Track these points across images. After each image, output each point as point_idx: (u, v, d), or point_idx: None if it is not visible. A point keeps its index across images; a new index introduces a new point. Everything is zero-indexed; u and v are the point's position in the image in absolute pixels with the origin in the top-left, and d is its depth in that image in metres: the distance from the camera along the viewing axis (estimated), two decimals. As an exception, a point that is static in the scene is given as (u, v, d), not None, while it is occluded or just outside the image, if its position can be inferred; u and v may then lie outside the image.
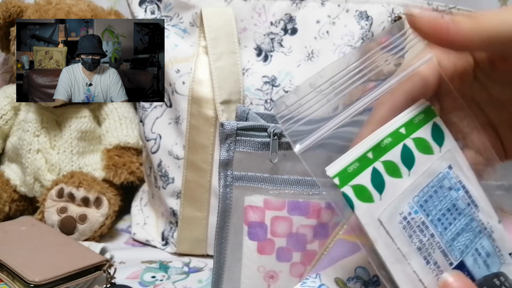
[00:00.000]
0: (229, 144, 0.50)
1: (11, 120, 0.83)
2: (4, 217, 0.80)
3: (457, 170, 0.32)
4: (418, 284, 0.30)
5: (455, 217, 0.31)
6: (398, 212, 0.30)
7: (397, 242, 0.30)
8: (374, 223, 0.30)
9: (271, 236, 0.48)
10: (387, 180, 0.30)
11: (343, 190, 0.30)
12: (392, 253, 0.30)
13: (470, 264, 0.31)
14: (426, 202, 0.31)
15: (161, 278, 0.65)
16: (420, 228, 0.30)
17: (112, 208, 0.77)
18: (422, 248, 0.30)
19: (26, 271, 0.54)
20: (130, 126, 0.84)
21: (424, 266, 0.30)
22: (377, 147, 0.31)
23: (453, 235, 0.31)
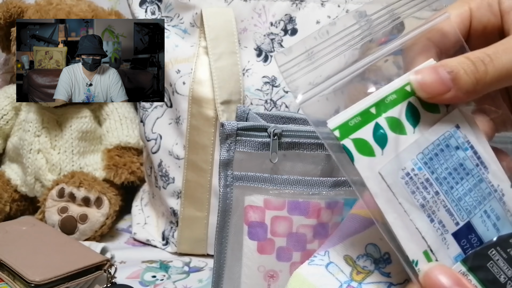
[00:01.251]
0: (229, 144, 0.50)
1: (12, 120, 0.84)
2: (5, 217, 0.80)
3: (465, 129, 0.31)
4: (420, 241, 0.29)
5: (462, 177, 0.31)
6: (401, 167, 0.30)
7: (398, 197, 0.29)
8: (374, 177, 0.29)
9: (271, 235, 0.48)
10: (390, 135, 0.30)
11: (343, 143, 0.30)
12: (393, 208, 0.29)
13: (478, 226, 0.30)
14: (431, 160, 0.30)
15: (161, 277, 0.65)
16: (424, 185, 0.30)
17: (113, 208, 0.77)
18: (425, 205, 0.30)
19: (27, 270, 0.54)
20: (131, 126, 0.84)
21: (427, 224, 0.29)
22: (380, 103, 0.30)
23: (459, 195, 0.30)
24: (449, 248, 0.30)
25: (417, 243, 0.29)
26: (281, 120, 0.54)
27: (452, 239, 0.30)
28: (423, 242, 0.29)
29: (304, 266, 0.33)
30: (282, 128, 0.49)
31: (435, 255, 0.29)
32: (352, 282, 0.32)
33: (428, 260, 0.29)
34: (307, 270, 0.33)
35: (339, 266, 0.33)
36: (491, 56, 0.29)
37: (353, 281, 0.32)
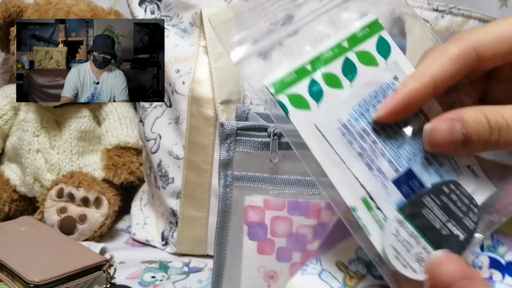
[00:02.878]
0: (229, 144, 0.50)
1: (11, 120, 0.83)
2: (4, 217, 0.80)
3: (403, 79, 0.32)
4: (359, 188, 0.30)
5: (401, 127, 0.31)
6: (337, 119, 0.30)
7: (335, 147, 0.30)
8: (310, 129, 0.30)
9: (271, 236, 0.48)
10: (326, 90, 0.31)
11: (278, 98, 0.30)
12: (329, 158, 0.30)
13: (419, 172, 0.31)
14: (367, 111, 0.31)
15: (161, 278, 0.65)
16: (361, 134, 0.30)
17: (112, 208, 0.77)
18: (363, 154, 0.30)
19: (26, 271, 0.54)
20: (130, 126, 0.84)
21: (366, 172, 0.30)
22: (316, 60, 0.31)
23: (398, 143, 0.31)
24: (390, 195, 0.30)
25: (355, 190, 0.30)
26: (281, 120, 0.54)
27: (392, 186, 0.30)
28: (361, 190, 0.30)
29: (297, 276, 0.33)
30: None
31: (376, 202, 0.30)
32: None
33: (367, 207, 0.30)
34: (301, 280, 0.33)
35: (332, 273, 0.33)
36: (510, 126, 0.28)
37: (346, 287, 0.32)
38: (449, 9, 0.73)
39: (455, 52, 0.30)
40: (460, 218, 0.29)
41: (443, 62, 0.29)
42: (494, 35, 0.30)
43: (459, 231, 0.29)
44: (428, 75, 0.29)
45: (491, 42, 0.30)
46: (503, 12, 0.93)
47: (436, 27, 0.72)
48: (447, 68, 0.29)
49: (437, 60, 0.30)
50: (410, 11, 0.38)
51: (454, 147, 0.29)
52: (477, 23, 0.74)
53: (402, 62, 0.32)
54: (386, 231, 0.29)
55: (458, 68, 0.30)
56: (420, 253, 0.29)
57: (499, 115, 0.28)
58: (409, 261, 0.29)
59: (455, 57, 0.29)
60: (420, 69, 0.30)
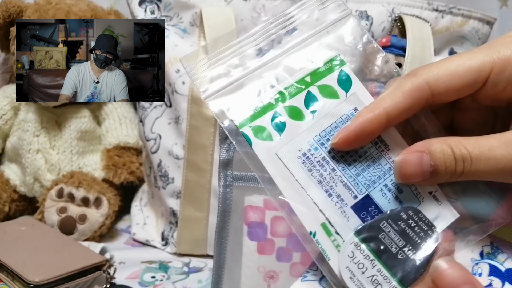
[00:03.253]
0: (229, 144, 0.50)
1: (10, 120, 0.83)
2: (4, 217, 0.80)
3: None
4: (318, 214, 0.31)
5: (361, 155, 0.32)
6: (297, 148, 0.32)
7: (295, 175, 0.31)
8: (272, 158, 0.32)
9: (271, 236, 0.48)
10: (289, 122, 0.33)
11: (242, 130, 0.32)
12: (290, 185, 0.31)
13: (378, 199, 0.32)
14: (327, 141, 0.32)
15: (161, 278, 0.65)
16: (321, 163, 0.32)
17: (112, 208, 0.77)
18: (323, 181, 0.31)
19: (26, 271, 0.54)
20: (130, 126, 0.84)
21: (325, 198, 0.31)
22: (280, 95, 0.33)
23: (357, 170, 0.32)
24: (349, 220, 0.31)
25: (315, 216, 0.31)
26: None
27: (351, 212, 0.31)
28: (321, 215, 0.31)
29: (297, 283, 0.34)
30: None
31: (334, 227, 0.31)
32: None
33: (327, 232, 0.31)
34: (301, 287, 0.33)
35: None
36: (473, 158, 0.29)
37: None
38: (449, 9, 0.73)
39: (409, 86, 0.31)
40: (418, 244, 0.30)
41: (397, 95, 0.31)
42: (446, 71, 0.31)
43: (416, 256, 0.30)
44: (382, 107, 0.31)
45: (443, 77, 0.31)
46: (503, 12, 0.93)
47: (436, 27, 0.72)
48: (400, 101, 0.31)
49: (392, 93, 0.31)
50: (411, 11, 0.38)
51: (423, 178, 0.30)
52: (477, 23, 0.74)
53: (362, 94, 0.34)
54: (343, 253, 0.30)
55: (411, 102, 0.31)
56: (375, 275, 0.30)
57: (463, 146, 0.29)
58: (363, 283, 0.29)
59: (408, 91, 0.31)
60: (375, 102, 0.32)
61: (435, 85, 0.31)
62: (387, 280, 0.29)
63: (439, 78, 0.31)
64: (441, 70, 0.31)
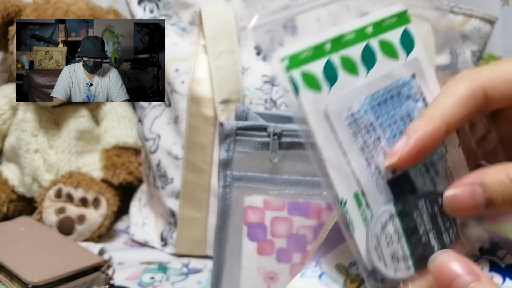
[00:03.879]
0: (228, 144, 0.49)
1: (9, 119, 0.83)
2: (2, 218, 0.80)
3: (420, 80, 0.31)
4: (353, 183, 0.29)
5: None
6: (347, 107, 0.29)
7: (340, 135, 0.29)
8: (317, 113, 0.28)
9: (271, 236, 0.48)
10: (341, 74, 0.29)
11: (290, 74, 0.29)
12: (331, 146, 0.29)
13: (415, 178, 0.30)
14: (378, 105, 0.30)
15: (160, 279, 0.65)
16: (367, 129, 0.29)
17: (111, 208, 0.77)
18: (365, 149, 0.29)
19: (24, 272, 0.53)
20: (129, 126, 0.84)
21: (364, 167, 0.29)
22: (337, 40, 0.30)
23: None
24: (382, 194, 0.29)
25: (350, 184, 0.29)
26: (281, 120, 0.54)
27: (386, 186, 0.30)
28: (355, 184, 0.29)
29: (296, 279, 0.33)
30: (282, 128, 0.49)
31: (366, 199, 0.29)
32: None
33: (358, 202, 0.29)
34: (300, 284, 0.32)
35: (332, 276, 0.32)
36: None
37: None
38: (450, 8, 0.73)
39: (464, 93, 0.29)
40: (441, 232, 0.30)
41: (453, 103, 0.29)
42: (502, 77, 0.29)
43: (436, 243, 0.29)
44: (440, 117, 0.29)
45: (499, 84, 0.29)
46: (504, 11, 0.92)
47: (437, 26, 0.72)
48: (458, 110, 0.29)
49: (447, 101, 0.29)
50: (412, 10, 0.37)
51: (477, 211, 0.28)
52: (479, 22, 0.74)
53: (423, 61, 0.31)
54: (376, 221, 0.29)
55: (468, 110, 0.29)
56: (397, 251, 0.29)
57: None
58: (385, 256, 0.29)
59: (464, 99, 0.29)
60: (430, 111, 0.29)
61: (491, 92, 0.29)
62: (405, 258, 0.29)
63: (495, 85, 0.29)
64: (496, 76, 0.29)
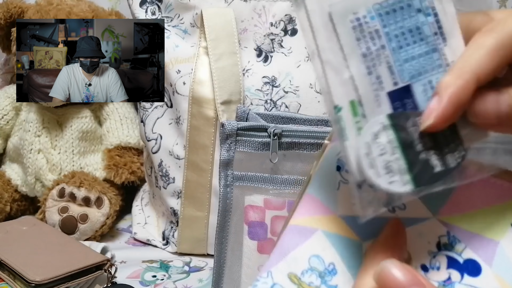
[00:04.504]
0: (229, 144, 0.50)
1: (12, 120, 0.84)
2: (6, 217, 0.80)
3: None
4: (351, 90, 0.28)
5: (416, 41, 0.29)
6: (353, 10, 0.28)
7: (341, 39, 0.28)
8: (322, 12, 0.28)
9: (272, 235, 0.48)
10: None
11: None
12: (331, 48, 0.28)
13: (417, 92, 0.29)
14: (387, 14, 0.29)
15: (161, 277, 0.65)
16: (372, 35, 0.28)
17: (113, 207, 0.77)
18: (367, 55, 0.28)
19: (27, 270, 0.54)
20: (131, 126, 0.84)
21: (364, 75, 0.28)
22: None
23: (407, 56, 0.29)
24: (381, 105, 0.28)
25: (347, 90, 0.28)
26: (281, 120, 0.54)
27: (385, 98, 0.29)
28: (353, 91, 0.28)
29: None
30: (282, 128, 0.49)
31: (363, 108, 0.28)
32: None
33: (353, 110, 0.28)
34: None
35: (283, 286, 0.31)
36: None
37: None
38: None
39: (493, 45, 0.28)
40: (444, 153, 0.28)
41: (482, 56, 0.28)
42: None
43: (438, 162, 0.28)
44: (470, 71, 0.27)
45: None
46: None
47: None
48: (488, 62, 0.28)
49: (475, 54, 0.28)
50: None
51: (498, 120, 0.27)
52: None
53: None
54: (367, 129, 0.28)
55: (497, 61, 0.28)
56: (391, 162, 0.27)
57: None
58: (377, 164, 0.27)
59: (493, 50, 0.28)
60: (460, 65, 0.28)
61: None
62: (402, 171, 0.27)
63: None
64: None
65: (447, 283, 0.30)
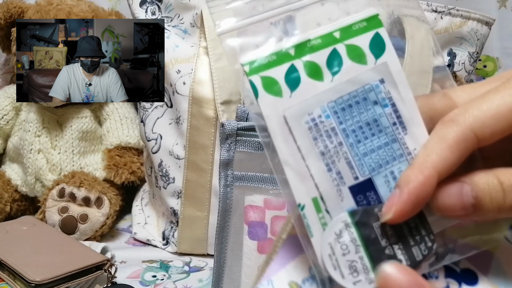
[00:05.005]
0: (229, 144, 0.50)
1: (12, 120, 0.84)
2: (6, 217, 0.80)
3: (389, 86, 0.29)
4: (312, 187, 0.28)
5: (374, 133, 0.29)
6: (307, 112, 0.28)
7: (298, 141, 0.28)
8: (276, 116, 0.28)
9: (272, 235, 0.49)
10: (304, 80, 0.29)
11: (250, 78, 0.28)
12: (289, 150, 0.28)
13: (379, 185, 0.29)
14: (342, 110, 0.29)
15: (161, 277, 0.65)
16: (328, 133, 0.29)
17: (113, 207, 0.77)
18: (326, 153, 0.28)
19: (27, 270, 0.54)
20: (131, 126, 0.84)
21: (324, 172, 0.28)
22: (301, 46, 0.29)
23: (366, 150, 0.29)
24: (343, 201, 0.28)
25: (308, 188, 0.28)
26: (281, 120, 0.54)
27: (348, 192, 0.28)
28: (314, 189, 0.28)
29: None
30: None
31: (326, 204, 0.28)
32: None
33: (317, 208, 0.28)
34: None
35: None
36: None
37: None
38: (448, 10, 0.73)
39: (454, 138, 0.28)
40: (410, 246, 0.28)
41: (443, 150, 0.27)
42: (489, 113, 0.28)
43: (404, 257, 0.28)
44: (431, 166, 0.27)
45: (488, 122, 0.28)
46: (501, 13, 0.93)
47: (435, 28, 0.72)
48: (448, 157, 0.27)
49: (436, 148, 0.28)
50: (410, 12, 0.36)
51: (464, 212, 0.27)
52: (476, 23, 0.75)
53: (393, 65, 0.30)
54: (330, 229, 0.28)
55: (458, 155, 0.28)
56: (355, 261, 0.28)
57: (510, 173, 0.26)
58: (341, 265, 0.28)
59: (454, 144, 0.27)
60: (421, 160, 0.28)
61: (480, 132, 0.27)
62: (366, 270, 0.27)
63: (484, 123, 0.27)
64: (484, 113, 0.28)
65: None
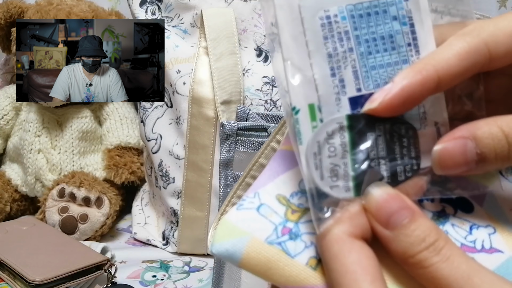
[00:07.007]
0: (229, 144, 0.50)
1: (12, 120, 0.84)
2: (6, 217, 0.81)
3: (412, 5, 0.28)
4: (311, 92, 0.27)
5: (386, 49, 0.28)
6: (324, 7, 0.27)
7: (307, 34, 0.27)
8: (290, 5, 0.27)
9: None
10: None
11: None
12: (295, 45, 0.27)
13: None
14: (360, 17, 0.28)
15: (161, 277, 0.65)
16: (341, 36, 0.27)
17: (113, 207, 0.77)
18: (333, 56, 0.27)
19: (27, 270, 0.54)
20: (131, 126, 0.84)
21: (327, 76, 0.27)
22: None
23: (375, 64, 0.28)
24: (340, 110, 0.27)
25: (307, 92, 0.27)
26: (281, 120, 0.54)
27: (346, 103, 0.27)
28: (313, 93, 0.27)
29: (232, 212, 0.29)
30: None
31: (322, 113, 0.27)
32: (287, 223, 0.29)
33: (311, 114, 0.27)
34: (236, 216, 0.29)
35: (271, 207, 0.29)
36: None
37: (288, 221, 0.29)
38: (448, 10, 0.73)
39: (464, 47, 0.26)
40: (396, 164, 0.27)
41: (450, 56, 0.26)
42: (506, 31, 0.26)
43: (386, 173, 0.27)
44: (432, 67, 0.26)
45: (504, 39, 0.26)
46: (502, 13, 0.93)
47: (436, 28, 0.72)
48: (454, 64, 0.26)
49: (443, 52, 0.26)
50: None
51: (467, 168, 0.25)
52: (476, 23, 0.75)
53: None
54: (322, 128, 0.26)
55: (466, 65, 0.26)
56: (338, 166, 0.26)
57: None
58: (323, 166, 0.26)
59: (464, 53, 0.26)
60: (423, 60, 0.26)
61: (494, 48, 0.26)
62: (346, 178, 0.26)
63: (499, 40, 0.26)
64: (500, 30, 0.26)
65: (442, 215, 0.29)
